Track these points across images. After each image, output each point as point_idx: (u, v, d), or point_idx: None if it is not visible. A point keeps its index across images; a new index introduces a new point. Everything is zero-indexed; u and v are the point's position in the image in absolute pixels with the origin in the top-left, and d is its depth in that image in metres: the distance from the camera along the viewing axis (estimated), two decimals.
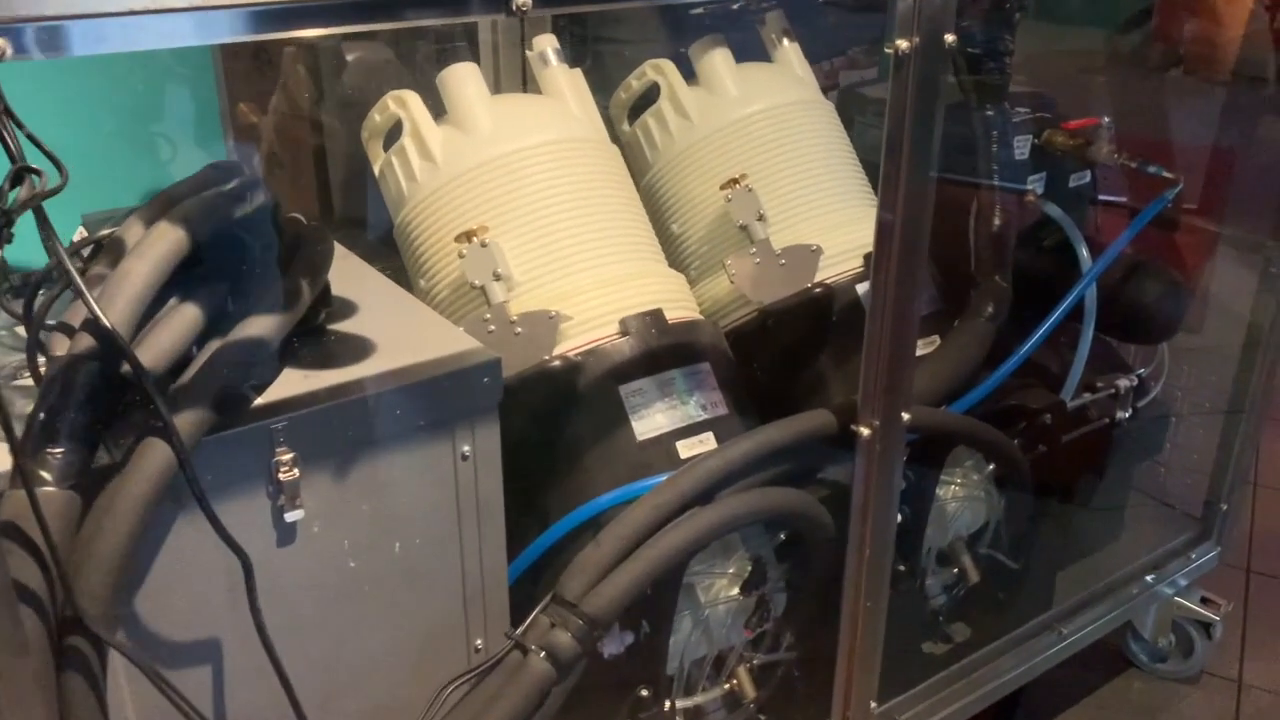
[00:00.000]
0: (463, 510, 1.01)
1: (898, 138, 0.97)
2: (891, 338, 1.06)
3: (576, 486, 1.12)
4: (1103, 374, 1.50)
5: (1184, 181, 1.89)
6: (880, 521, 1.13)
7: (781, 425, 1.10)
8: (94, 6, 0.60)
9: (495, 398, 0.99)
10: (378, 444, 0.94)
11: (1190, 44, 2.11)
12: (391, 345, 1.00)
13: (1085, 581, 1.59)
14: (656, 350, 1.17)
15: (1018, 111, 1.50)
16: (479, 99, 1.24)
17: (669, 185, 1.45)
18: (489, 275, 1.14)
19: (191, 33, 0.65)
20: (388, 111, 1.27)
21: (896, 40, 0.94)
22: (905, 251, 1.02)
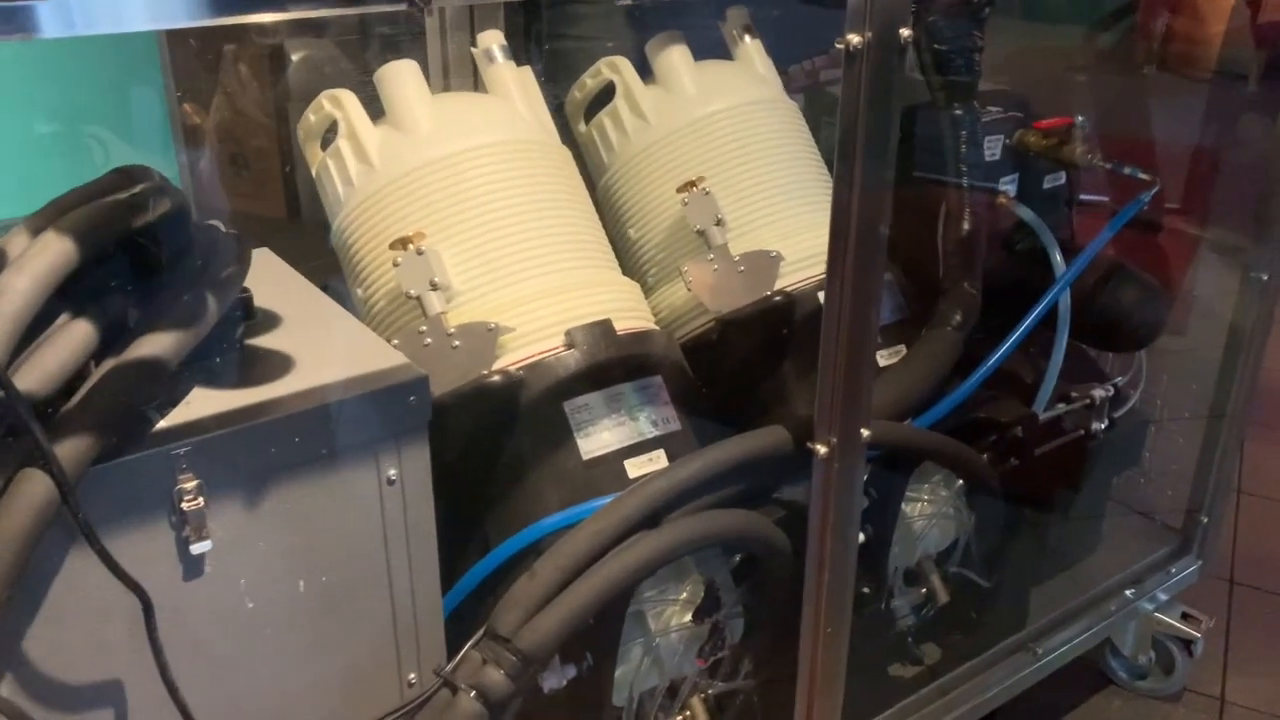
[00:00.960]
0: (390, 538, 0.95)
1: (850, 139, 0.91)
2: (848, 350, 1.00)
3: (518, 509, 1.06)
4: (1079, 383, 1.45)
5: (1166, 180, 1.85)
6: (840, 544, 1.07)
7: (733, 443, 1.04)
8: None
9: (423, 418, 0.92)
10: (294, 469, 0.88)
11: (1171, 40, 2.06)
12: (312, 361, 0.94)
13: (1062, 597, 1.53)
14: (604, 363, 1.11)
15: (989, 111, 1.44)
16: (418, 98, 1.18)
17: (625, 188, 1.39)
18: (425, 285, 1.08)
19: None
20: (322, 111, 1.21)
21: (848, 35, 0.88)
22: (861, 259, 0.96)
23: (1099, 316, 1.39)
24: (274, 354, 0.95)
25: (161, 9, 0.68)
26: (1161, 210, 2.23)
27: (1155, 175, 1.32)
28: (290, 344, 0.97)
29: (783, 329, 1.26)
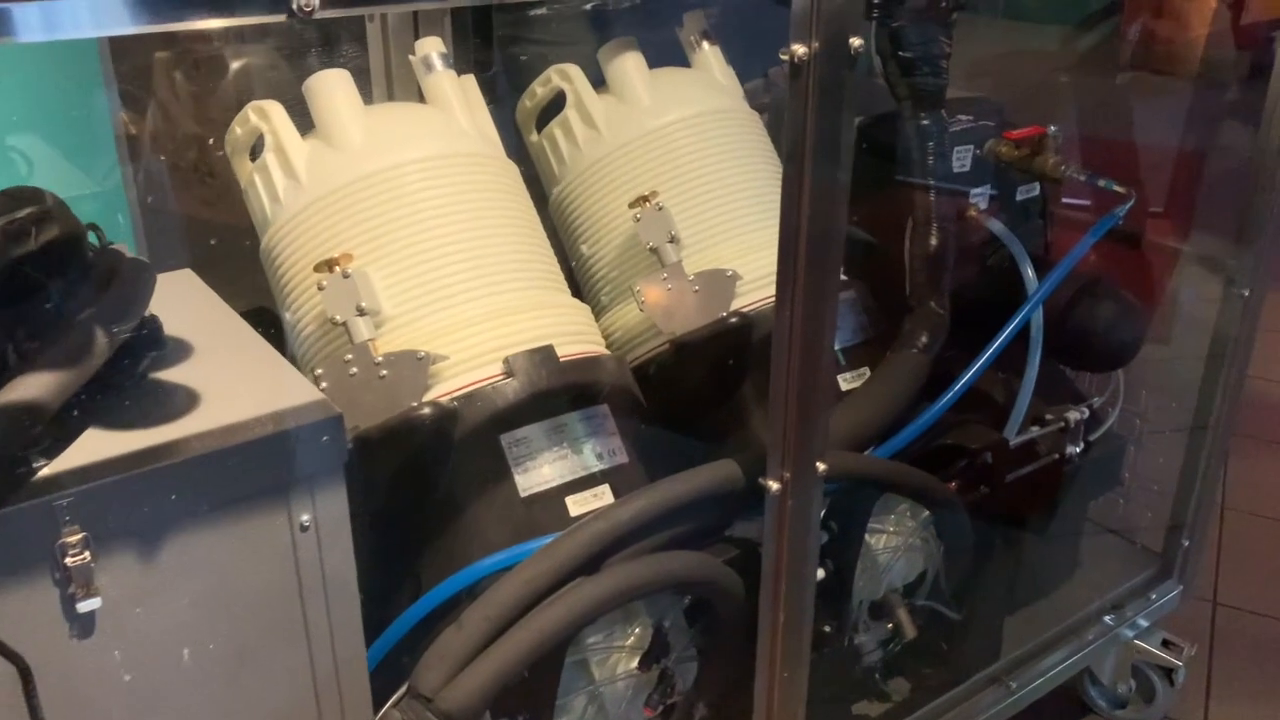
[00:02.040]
0: (306, 588, 0.88)
1: (798, 156, 0.84)
2: (801, 380, 0.94)
3: (450, 551, 0.99)
4: (1054, 404, 1.38)
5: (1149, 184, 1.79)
6: (796, 584, 1.01)
7: (680, 480, 0.98)
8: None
9: (338, 459, 0.86)
10: (197, 516, 0.81)
11: (1154, 42, 2.01)
12: (220, 397, 0.87)
13: (1038, 626, 1.47)
14: (545, 392, 1.04)
15: (959, 120, 1.38)
16: (349, 110, 1.11)
17: (577, 202, 1.32)
18: (351, 310, 1.01)
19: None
20: (249, 124, 1.14)
21: (793, 45, 0.81)
22: (813, 285, 0.89)
23: (1073, 335, 1.33)
24: (179, 389, 0.88)
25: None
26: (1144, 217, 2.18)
27: (1131, 187, 1.26)
28: (199, 377, 0.90)
29: (739, 352, 1.20)
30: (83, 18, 0.63)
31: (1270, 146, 1.31)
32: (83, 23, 0.64)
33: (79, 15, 0.63)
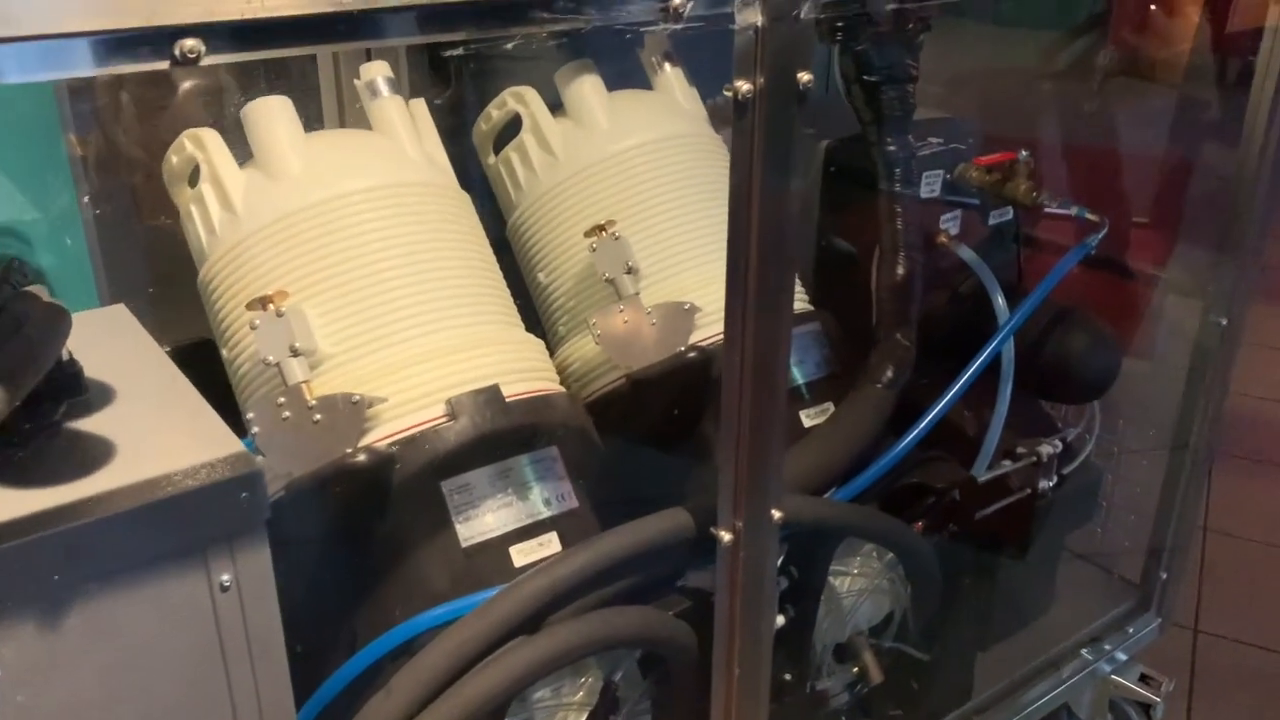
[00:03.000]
0: (229, 650, 0.83)
1: (744, 196, 0.80)
2: (753, 424, 0.89)
3: (387, 605, 0.94)
4: (1028, 435, 1.34)
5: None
6: (751, 639, 0.96)
7: (626, 532, 0.93)
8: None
9: (259, 516, 0.81)
10: (107, 579, 0.76)
11: (1143, 47, 1.97)
12: (136, 450, 0.82)
13: (1013, 663, 1.43)
14: (490, 435, 0.99)
15: (928, 143, 1.34)
16: (287, 138, 1.06)
17: (534, 229, 1.28)
18: (284, 351, 0.96)
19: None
20: (184, 152, 1.09)
21: (736, 82, 0.77)
22: (763, 325, 0.85)
23: (1047, 366, 1.29)
24: (94, 441, 0.83)
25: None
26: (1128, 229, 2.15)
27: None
28: (117, 426, 0.85)
29: (698, 387, 1.15)
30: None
31: (1247, 175, 1.27)
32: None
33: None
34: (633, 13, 0.69)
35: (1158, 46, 1.92)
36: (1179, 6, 1.90)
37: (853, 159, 1.32)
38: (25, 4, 0.50)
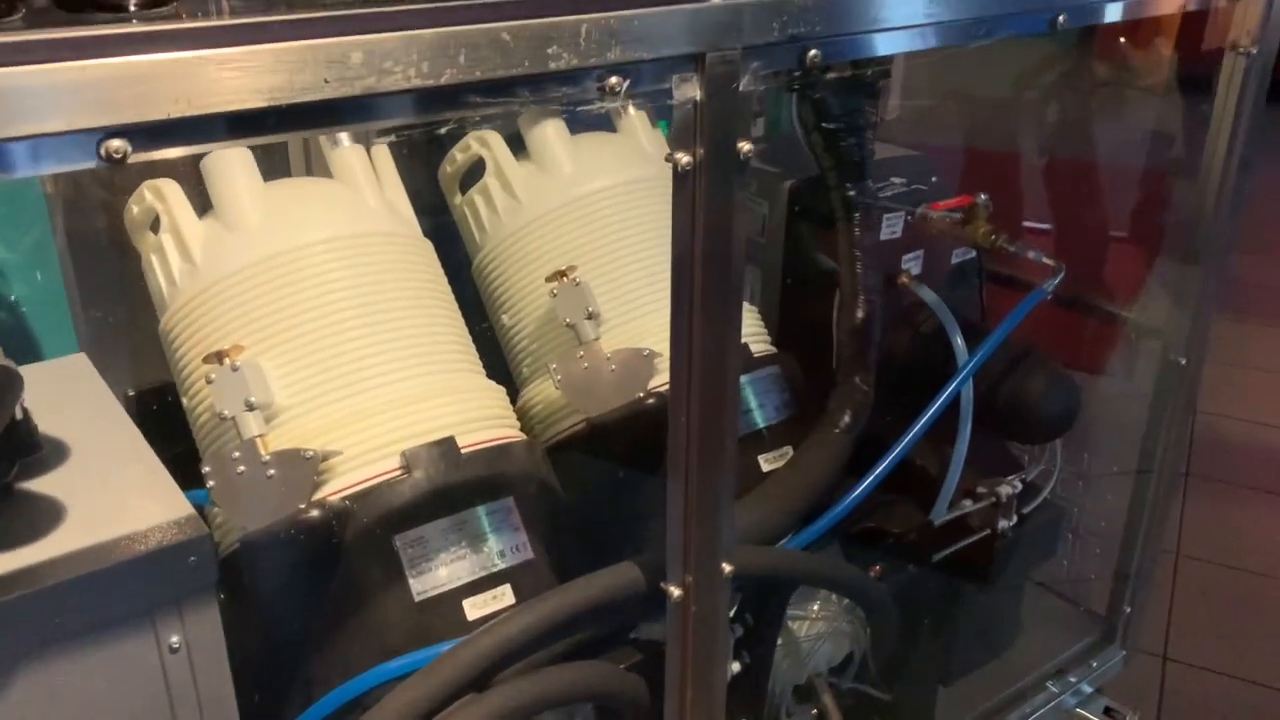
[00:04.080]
0: (179, 711, 0.84)
1: (687, 264, 0.81)
2: (701, 478, 0.90)
3: (340, 659, 0.95)
4: (990, 475, 1.35)
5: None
6: (702, 688, 0.97)
7: (575, 588, 0.94)
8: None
9: (207, 579, 0.82)
10: (55, 644, 0.77)
11: (1127, 59, 1.98)
12: (84, 514, 0.83)
13: (978, 697, 1.44)
14: (444, 488, 1.00)
15: (890, 183, 1.35)
16: (246, 190, 1.07)
17: (498, 272, 1.29)
18: (239, 405, 0.97)
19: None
20: (144, 203, 1.10)
21: (676, 154, 0.78)
22: (708, 387, 0.86)
23: (1006, 407, 1.30)
24: (44, 503, 0.84)
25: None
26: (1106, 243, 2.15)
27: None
28: (69, 486, 0.86)
29: (657, 432, 1.16)
30: None
31: (1206, 213, 1.29)
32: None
33: None
34: (570, 95, 0.70)
35: (1145, 52, 1.93)
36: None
37: (815, 199, 1.33)
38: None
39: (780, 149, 1.45)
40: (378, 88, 0.61)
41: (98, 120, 0.54)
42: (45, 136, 0.53)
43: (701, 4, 0.74)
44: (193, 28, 0.56)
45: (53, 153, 0.54)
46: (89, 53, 0.54)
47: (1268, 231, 3.75)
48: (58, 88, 0.53)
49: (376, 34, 0.60)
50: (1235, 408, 2.59)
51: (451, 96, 0.65)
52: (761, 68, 0.78)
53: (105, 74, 0.54)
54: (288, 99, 0.59)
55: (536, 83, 0.68)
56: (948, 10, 0.89)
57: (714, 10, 0.74)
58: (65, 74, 0.53)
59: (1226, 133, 1.25)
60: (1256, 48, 1.20)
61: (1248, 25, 1.20)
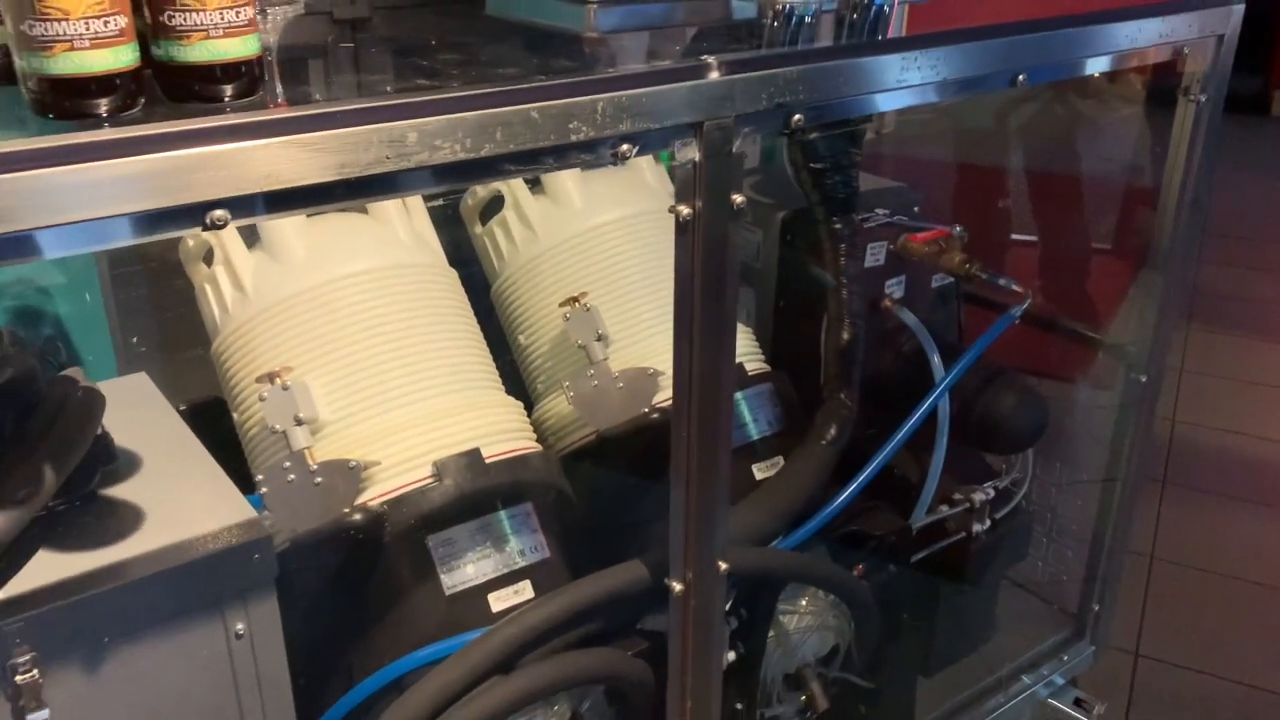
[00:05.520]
0: (242, 690, 0.96)
1: (687, 305, 0.93)
2: (700, 485, 1.02)
3: (380, 646, 1.07)
4: (965, 482, 1.47)
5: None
6: (701, 674, 1.09)
7: (588, 583, 1.06)
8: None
9: (269, 574, 0.94)
10: (137, 631, 0.89)
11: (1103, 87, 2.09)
12: (160, 517, 0.95)
13: (957, 689, 1.56)
14: (470, 494, 1.12)
15: (874, 215, 1.47)
16: (292, 225, 1.19)
17: (515, 296, 1.41)
18: (289, 420, 1.09)
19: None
20: (199, 237, 1.22)
21: (678, 206, 0.90)
22: (706, 403, 0.98)
23: (979, 421, 1.42)
24: (124, 508, 0.96)
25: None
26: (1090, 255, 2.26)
27: (1025, 290, 1.35)
28: (144, 493, 0.98)
29: (661, 444, 1.28)
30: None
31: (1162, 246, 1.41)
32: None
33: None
34: (587, 160, 0.82)
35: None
36: None
37: (806, 229, 1.45)
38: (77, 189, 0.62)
39: (774, 182, 1.57)
40: (429, 161, 0.73)
41: (204, 195, 0.66)
42: (164, 209, 0.65)
43: (700, 80, 0.86)
44: (278, 118, 0.68)
45: (170, 221, 0.66)
46: (196, 141, 0.66)
47: (1242, 247, 3.87)
48: (173, 170, 0.65)
49: (428, 117, 0.73)
50: (1209, 417, 2.71)
51: (489, 165, 0.77)
52: (752, 132, 0.91)
53: (209, 158, 0.66)
54: (355, 173, 0.71)
55: (560, 151, 0.80)
56: (917, 75, 1.01)
57: (710, 85, 0.86)
58: (178, 160, 0.65)
59: (1180, 172, 1.36)
60: (1205, 95, 1.32)
61: (1197, 75, 1.32)
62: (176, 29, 0.67)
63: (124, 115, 0.68)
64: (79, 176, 0.61)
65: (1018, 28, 1.09)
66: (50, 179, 0.60)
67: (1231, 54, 1.32)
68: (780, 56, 0.92)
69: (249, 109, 0.70)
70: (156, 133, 0.64)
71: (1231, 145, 4.94)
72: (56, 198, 0.61)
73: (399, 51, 0.98)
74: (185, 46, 0.67)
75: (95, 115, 0.66)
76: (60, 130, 0.64)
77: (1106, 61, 1.20)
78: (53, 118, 0.66)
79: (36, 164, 0.59)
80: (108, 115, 0.67)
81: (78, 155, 0.60)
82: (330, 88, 0.80)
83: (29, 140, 0.59)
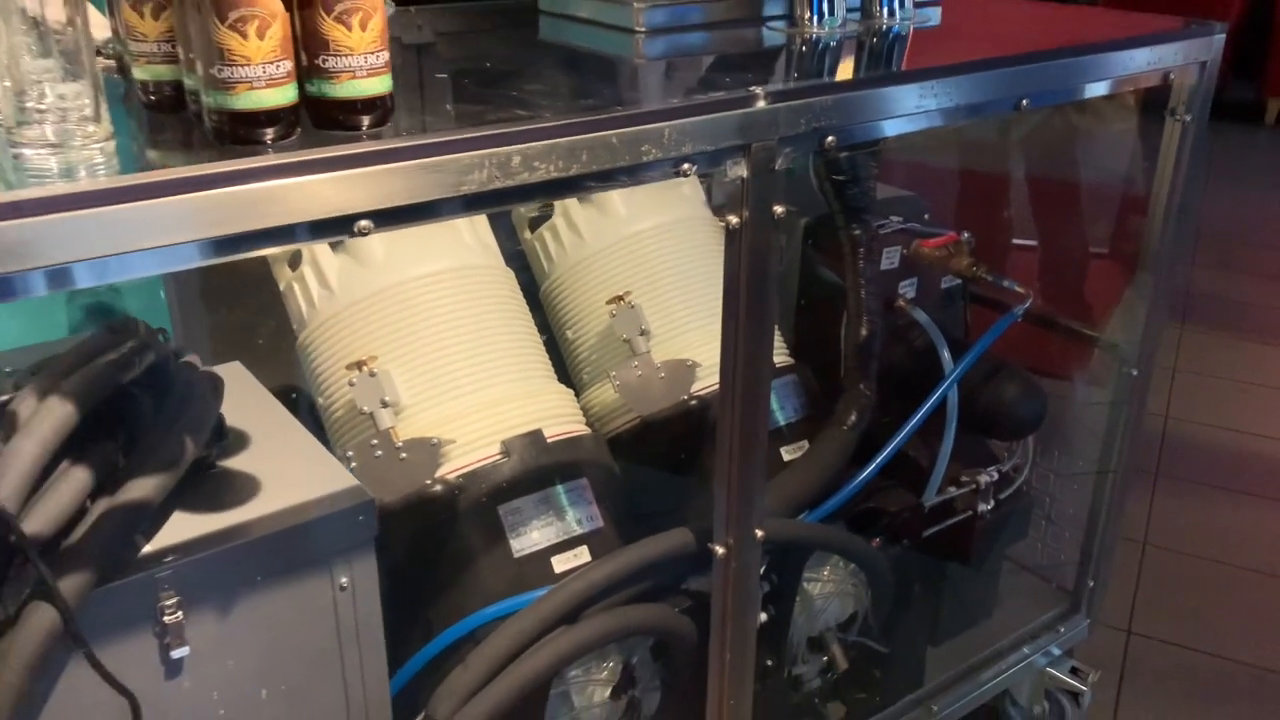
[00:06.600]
0: (343, 636, 1.10)
1: (735, 295, 1.07)
2: (741, 463, 1.16)
3: (457, 601, 1.22)
4: (971, 466, 1.62)
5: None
6: (739, 630, 1.23)
7: (642, 546, 1.20)
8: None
9: (370, 534, 1.08)
10: (259, 581, 1.03)
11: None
12: (276, 484, 1.09)
13: (961, 656, 1.70)
14: (534, 470, 1.26)
15: (889, 222, 1.61)
16: None
17: (563, 295, 1.55)
18: (376, 403, 1.23)
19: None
20: None
21: (728, 216, 1.04)
22: (748, 397, 1.12)
23: (984, 410, 1.56)
24: (243, 476, 1.10)
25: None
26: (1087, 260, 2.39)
27: (1027, 290, 1.50)
28: (256, 466, 1.12)
29: (699, 428, 1.43)
30: (149, 261, 0.81)
31: (1151, 254, 1.55)
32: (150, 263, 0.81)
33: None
34: (654, 177, 0.96)
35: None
36: None
37: (826, 235, 1.59)
38: (263, 202, 0.77)
39: (795, 191, 1.71)
40: (529, 180, 0.88)
41: (354, 208, 0.81)
42: (322, 220, 0.79)
43: (749, 109, 1.00)
44: (411, 145, 0.83)
45: (327, 229, 0.80)
46: (341, 165, 0.80)
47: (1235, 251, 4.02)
48: (329, 188, 0.79)
49: (530, 143, 0.87)
50: (1201, 414, 2.86)
51: (575, 183, 0.91)
52: (791, 152, 1.05)
53: (359, 178, 0.80)
54: (470, 190, 0.85)
55: (632, 170, 0.95)
56: (934, 101, 1.15)
57: (758, 113, 1.01)
58: (332, 183, 0.79)
59: (1167, 184, 1.51)
60: (1190, 115, 1.46)
61: (1182, 96, 1.46)
62: (329, 70, 0.81)
63: (284, 142, 0.82)
64: (269, 192, 0.76)
65: (1021, 59, 1.23)
66: (251, 193, 0.75)
67: (1214, 78, 1.46)
68: (817, 87, 1.06)
69: (383, 137, 0.85)
70: (319, 158, 0.79)
71: (1227, 153, 5.10)
72: (265, 209, 0.76)
73: (485, 81, 1.12)
74: (335, 85, 0.82)
75: (263, 143, 0.80)
76: (236, 155, 0.78)
77: (1101, 86, 1.34)
78: (229, 145, 0.80)
79: (234, 182, 0.74)
80: (272, 142, 0.81)
81: (267, 175, 0.75)
82: (439, 115, 0.94)
83: (246, 160, 0.74)
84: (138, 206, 0.72)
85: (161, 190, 0.73)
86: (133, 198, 0.72)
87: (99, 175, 0.75)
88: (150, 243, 0.73)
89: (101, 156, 0.77)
